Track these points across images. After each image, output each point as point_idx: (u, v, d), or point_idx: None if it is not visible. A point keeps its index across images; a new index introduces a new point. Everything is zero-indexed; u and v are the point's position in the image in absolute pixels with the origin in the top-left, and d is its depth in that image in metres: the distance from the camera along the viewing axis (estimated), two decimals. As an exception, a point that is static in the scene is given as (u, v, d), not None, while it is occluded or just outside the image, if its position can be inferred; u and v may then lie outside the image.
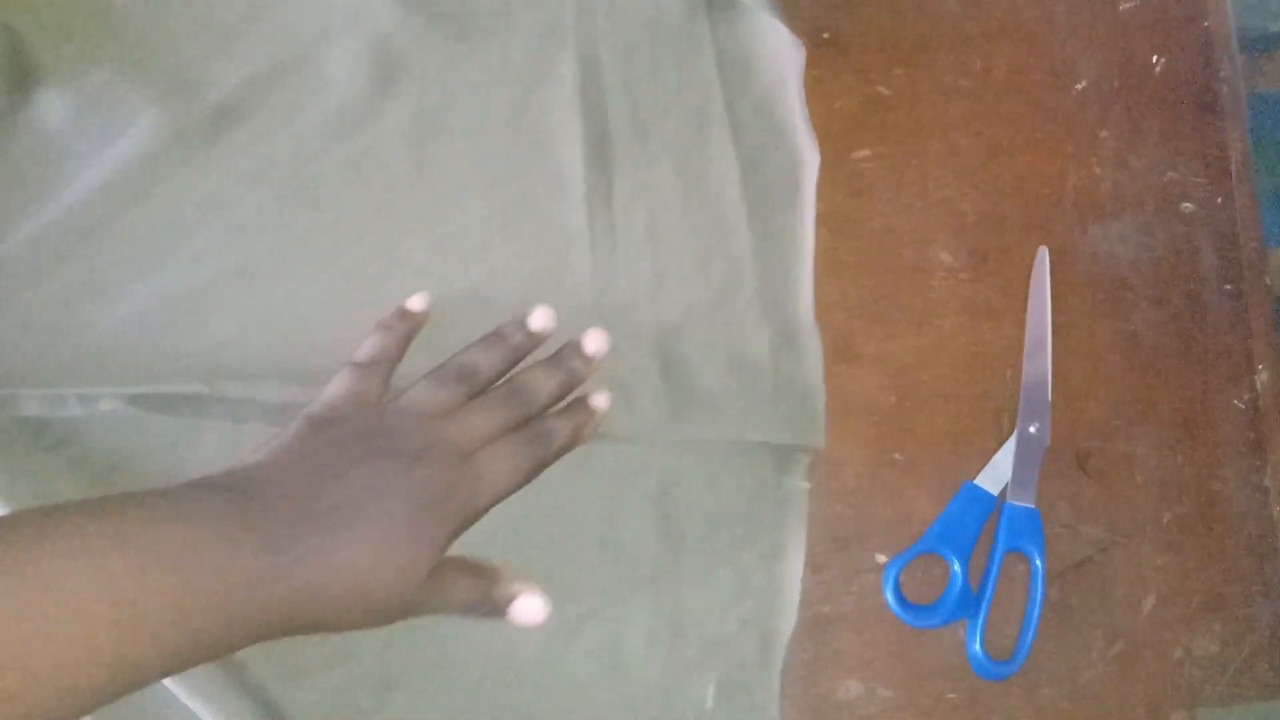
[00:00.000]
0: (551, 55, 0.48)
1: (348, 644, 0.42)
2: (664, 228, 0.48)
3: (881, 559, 0.47)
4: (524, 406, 0.38)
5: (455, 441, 0.36)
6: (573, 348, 0.40)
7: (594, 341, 0.40)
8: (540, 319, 0.40)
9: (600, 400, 0.40)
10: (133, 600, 0.28)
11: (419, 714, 0.43)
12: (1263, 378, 0.52)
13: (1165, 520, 0.50)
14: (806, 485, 0.47)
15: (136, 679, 0.28)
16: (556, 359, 0.39)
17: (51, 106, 0.44)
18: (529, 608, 0.36)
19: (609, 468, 0.45)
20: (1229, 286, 0.53)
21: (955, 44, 0.53)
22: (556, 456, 0.38)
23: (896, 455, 0.49)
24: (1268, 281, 0.53)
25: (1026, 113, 0.53)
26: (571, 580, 0.44)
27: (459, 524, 0.35)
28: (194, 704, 0.40)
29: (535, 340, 0.40)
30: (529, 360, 0.40)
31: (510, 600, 0.36)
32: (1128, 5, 0.55)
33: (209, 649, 0.30)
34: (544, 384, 0.38)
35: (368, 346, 0.39)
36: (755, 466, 0.47)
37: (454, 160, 0.46)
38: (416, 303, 0.41)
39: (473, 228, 0.46)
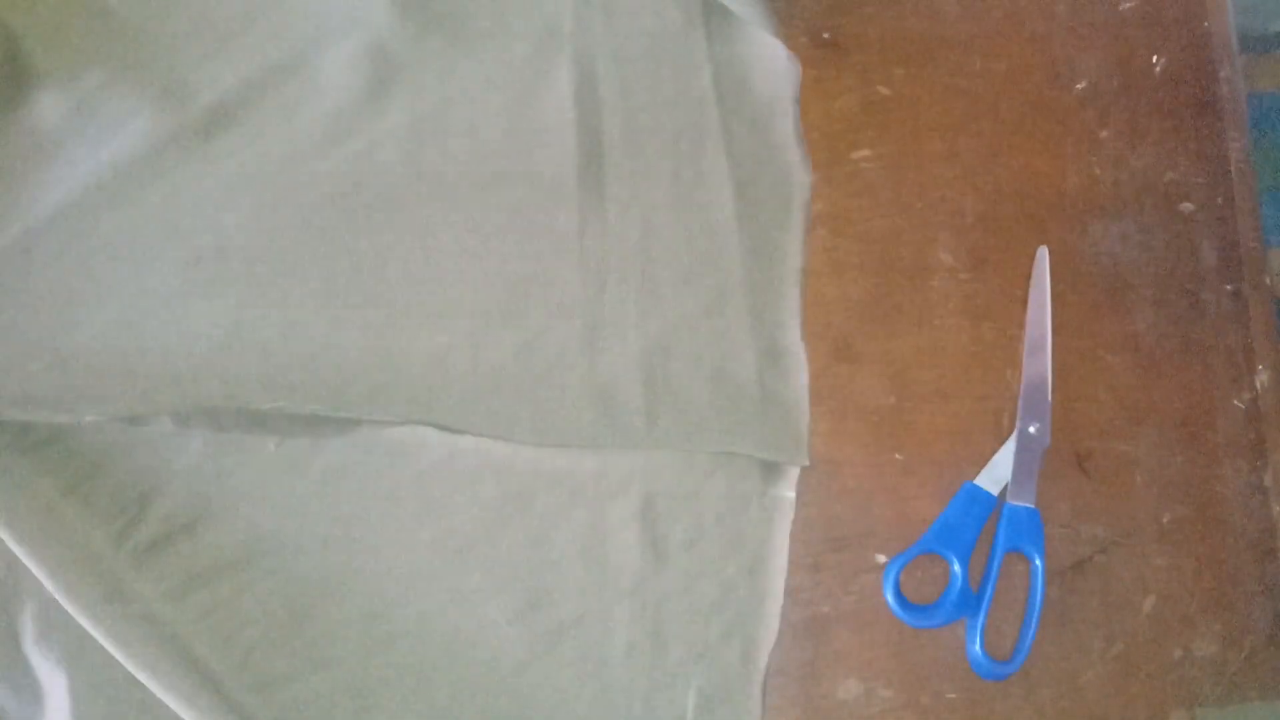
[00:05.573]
0: (548, 62, 0.48)
1: (324, 652, 0.42)
2: (655, 239, 0.47)
3: (881, 559, 0.47)
4: None
5: None
6: None
7: None
8: None
9: None
10: None
11: None
12: (1263, 378, 0.52)
13: (1165, 520, 0.50)
14: (792, 495, 0.47)
15: None
16: None
17: (46, 107, 0.44)
18: None
19: (592, 481, 0.45)
20: (1229, 286, 0.53)
21: (955, 44, 0.53)
22: None
23: (896, 455, 0.49)
24: (1268, 281, 0.53)
25: (1026, 113, 0.53)
26: (553, 589, 0.44)
27: None
28: (170, 701, 0.40)
29: None
30: None
31: None
32: (1128, 5, 0.55)
33: None
34: None
35: None
36: (740, 478, 0.46)
37: (448, 165, 0.46)
38: None
39: (464, 233, 0.46)
